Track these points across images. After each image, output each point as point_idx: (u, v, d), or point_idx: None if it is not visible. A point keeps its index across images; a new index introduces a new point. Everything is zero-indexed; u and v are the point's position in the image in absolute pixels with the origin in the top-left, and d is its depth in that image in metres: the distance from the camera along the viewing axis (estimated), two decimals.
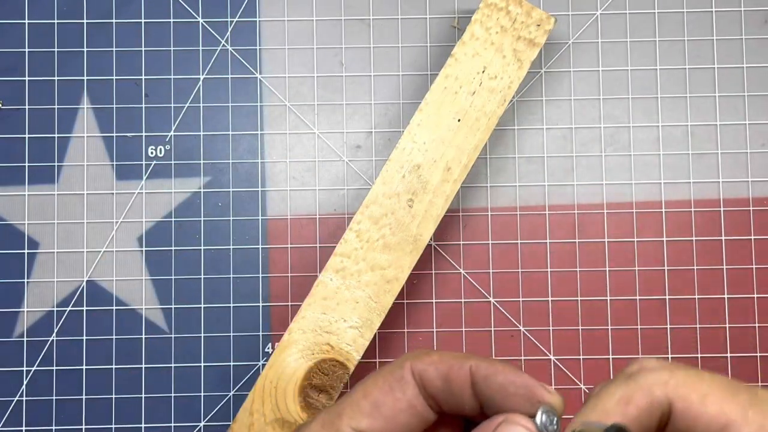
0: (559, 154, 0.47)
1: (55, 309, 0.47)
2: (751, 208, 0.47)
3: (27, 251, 0.47)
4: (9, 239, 0.47)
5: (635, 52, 0.48)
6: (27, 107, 0.47)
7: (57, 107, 0.48)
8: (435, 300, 0.47)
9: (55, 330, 0.46)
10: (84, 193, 0.47)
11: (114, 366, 0.46)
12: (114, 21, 0.48)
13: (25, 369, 0.46)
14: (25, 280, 0.47)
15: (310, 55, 0.48)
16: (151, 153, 0.47)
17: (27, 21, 0.48)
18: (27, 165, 0.47)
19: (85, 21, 0.48)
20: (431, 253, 0.47)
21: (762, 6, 0.48)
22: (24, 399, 0.46)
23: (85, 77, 0.48)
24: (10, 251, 0.47)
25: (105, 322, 0.47)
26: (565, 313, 0.47)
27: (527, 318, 0.47)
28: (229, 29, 0.48)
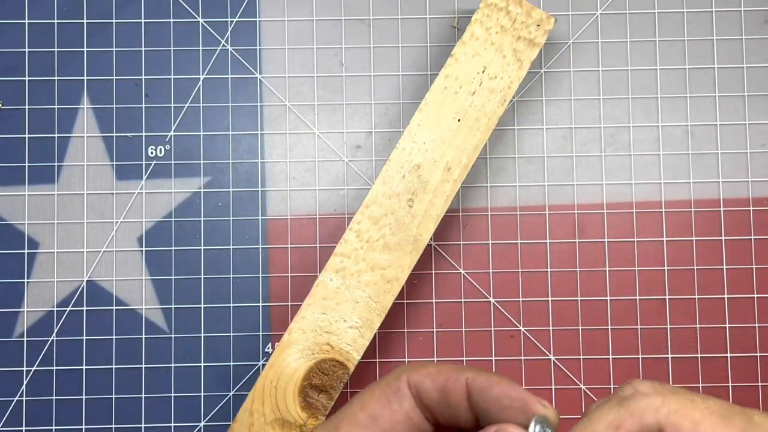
0: (559, 154, 0.47)
1: (55, 309, 0.47)
2: (751, 208, 0.47)
3: (27, 251, 0.47)
4: (9, 239, 0.47)
5: (635, 52, 0.48)
6: (27, 107, 0.47)
7: (57, 107, 0.48)
8: (435, 300, 0.47)
9: (55, 330, 0.46)
10: (84, 193, 0.47)
11: (114, 366, 0.46)
12: (114, 21, 0.48)
13: (25, 369, 0.46)
14: (25, 280, 0.47)
15: (310, 55, 0.48)
16: (151, 153, 0.47)
17: (27, 21, 0.48)
18: (27, 165, 0.47)
19: (85, 21, 0.48)
20: (431, 253, 0.47)
21: (762, 6, 0.48)
22: (24, 399, 0.46)
23: (85, 77, 0.48)
24: (10, 251, 0.47)
25: (105, 322, 0.47)
26: (565, 313, 0.47)
27: (527, 318, 0.47)
28: (229, 29, 0.48)
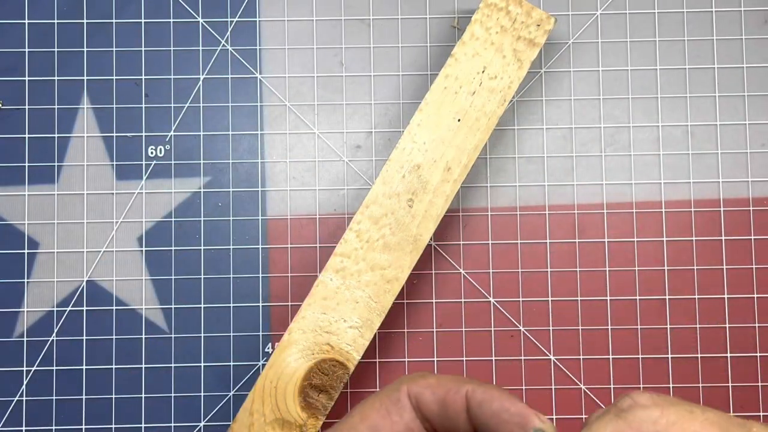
0: (559, 154, 0.47)
1: (55, 309, 0.47)
2: (751, 208, 0.47)
3: (27, 251, 0.47)
4: (9, 239, 0.47)
5: (635, 52, 0.48)
6: (27, 107, 0.47)
7: (57, 107, 0.48)
8: (435, 300, 0.47)
9: (55, 330, 0.46)
10: (84, 193, 0.47)
11: (114, 366, 0.46)
12: (114, 21, 0.48)
13: (25, 369, 0.46)
14: (25, 280, 0.47)
15: (310, 55, 0.48)
16: (151, 153, 0.47)
17: (27, 21, 0.48)
18: (27, 165, 0.47)
19: (85, 21, 0.48)
20: (431, 253, 0.47)
21: (762, 6, 0.48)
22: (24, 399, 0.46)
23: (85, 77, 0.48)
24: (10, 251, 0.47)
25: (105, 322, 0.47)
26: (565, 313, 0.47)
27: (527, 318, 0.47)
28: (229, 29, 0.48)
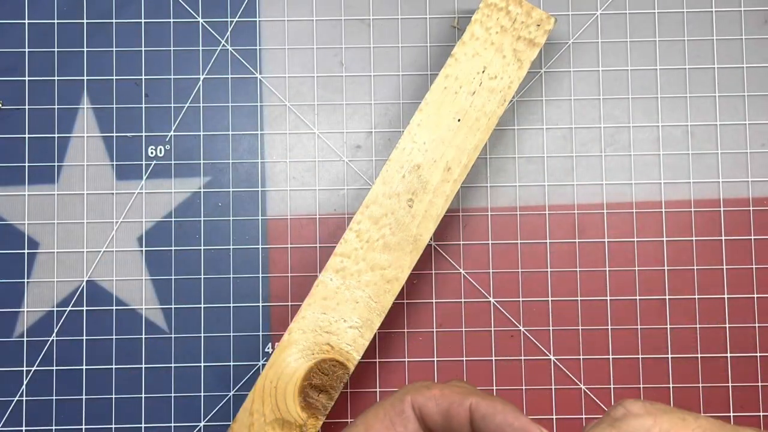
0: (559, 154, 0.47)
1: (55, 309, 0.47)
2: (751, 208, 0.47)
3: (27, 251, 0.47)
4: (9, 239, 0.47)
5: (635, 52, 0.48)
6: (27, 107, 0.47)
7: (57, 107, 0.48)
8: (435, 300, 0.47)
9: (55, 330, 0.46)
10: (84, 193, 0.47)
11: (114, 366, 0.46)
12: (114, 21, 0.48)
13: (25, 369, 0.46)
14: (25, 280, 0.47)
15: (310, 55, 0.48)
16: (151, 153, 0.47)
17: (27, 21, 0.48)
18: (27, 165, 0.47)
19: (85, 21, 0.48)
20: (431, 253, 0.47)
21: (762, 6, 0.48)
22: (24, 399, 0.46)
23: (85, 77, 0.48)
24: (10, 251, 0.47)
25: (105, 322, 0.47)
26: (565, 313, 0.47)
27: (527, 318, 0.47)
28: (229, 29, 0.48)
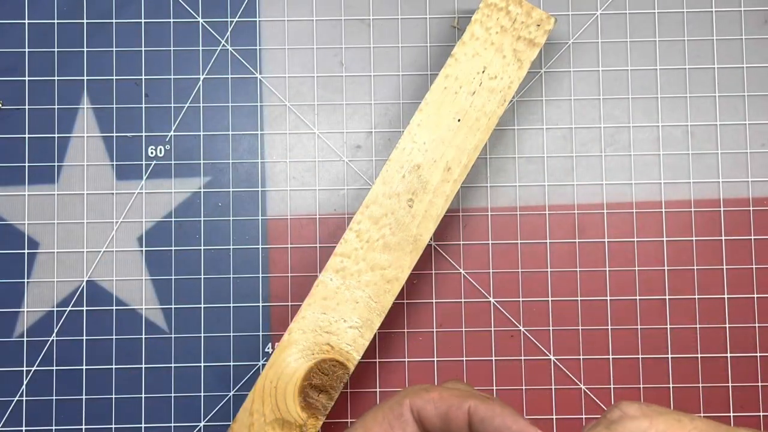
0: (559, 154, 0.47)
1: (55, 309, 0.47)
2: (751, 208, 0.47)
3: (27, 251, 0.47)
4: (9, 239, 0.47)
5: (635, 52, 0.48)
6: (27, 107, 0.47)
7: (57, 107, 0.48)
8: (435, 300, 0.47)
9: (55, 330, 0.46)
10: (84, 193, 0.47)
11: (114, 366, 0.46)
12: (114, 21, 0.48)
13: (25, 369, 0.46)
14: (25, 280, 0.47)
15: (310, 55, 0.48)
16: (151, 153, 0.47)
17: (27, 21, 0.48)
18: (27, 165, 0.47)
19: (85, 21, 0.48)
20: (431, 253, 0.47)
21: (762, 6, 0.48)
22: (24, 399, 0.46)
23: (85, 77, 0.48)
24: (10, 251, 0.47)
25: (105, 322, 0.47)
26: (565, 313, 0.47)
27: (527, 318, 0.47)
28: (229, 29, 0.48)
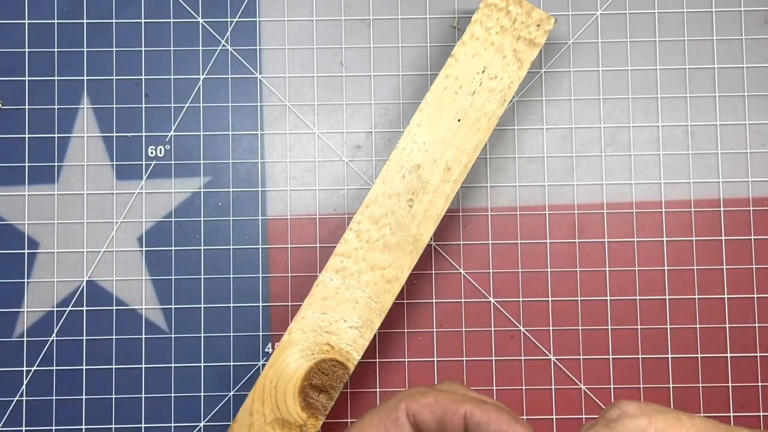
0: (559, 154, 0.47)
1: (55, 309, 0.47)
2: (751, 208, 0.47)
3: (27, 251, 0.47)
4: (9, 239, 0.47)
5: (635, 52, 0.48)
6: (27, 107, 0.47)
7: (57, 107, 0.48)
8: (435, 300, 0.47)
9: (55, 330, 0.46)
10: (84, 193, 0.47)
11: (114, 366, 0.46)
12: (114, 21, 0.48)
13: (25, 369, 0.46)
14: (25, 280, 0.47)
15: (310, 55, 0.48)
16: (151, 153, 0.47)
17: (27, 21, 0.48)
18: (27, 165, 0.47)
19: (85, 21, 0.48)
20: (431, 253, 0.47)
21: (762, 6, 0.48)
22: (24, 399, 0.46)
23: (85, 77, 0.48)
24: (10, 251, 0.47)
25: (105, 322, 0.47)
26: (565, 313, 0.47)
27: (527, 318, 0.47)
28: (229, 29, 0.48)
